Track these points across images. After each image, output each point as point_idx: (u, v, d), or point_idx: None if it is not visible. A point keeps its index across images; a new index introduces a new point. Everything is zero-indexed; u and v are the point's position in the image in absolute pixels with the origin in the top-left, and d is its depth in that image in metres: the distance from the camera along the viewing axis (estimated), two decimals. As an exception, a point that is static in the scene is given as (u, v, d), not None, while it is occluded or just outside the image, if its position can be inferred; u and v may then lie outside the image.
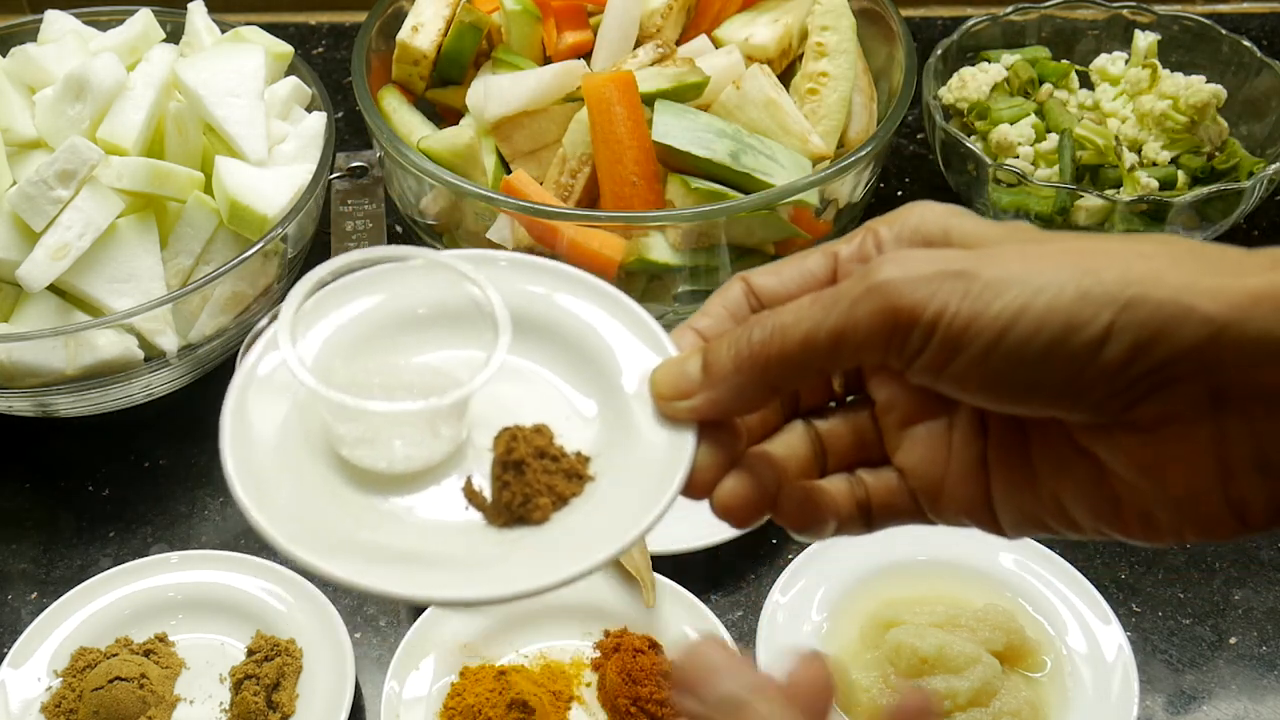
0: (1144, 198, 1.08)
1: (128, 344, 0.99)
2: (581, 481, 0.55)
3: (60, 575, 1.00)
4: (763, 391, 0.50)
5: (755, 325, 0.49)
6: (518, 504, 0.54)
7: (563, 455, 0.55)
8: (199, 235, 1.03)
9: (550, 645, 0.93)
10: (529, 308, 0.58)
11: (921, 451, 0.52)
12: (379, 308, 0.59)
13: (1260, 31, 1.44)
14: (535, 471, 0.54)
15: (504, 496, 0.54)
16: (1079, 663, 0.90)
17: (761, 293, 0.53)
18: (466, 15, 1.12)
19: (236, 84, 1.06)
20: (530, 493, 0.54)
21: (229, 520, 1.03)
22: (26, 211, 0.98)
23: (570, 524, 0.54)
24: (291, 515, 0.52)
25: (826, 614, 0.92)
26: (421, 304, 0.59)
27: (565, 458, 0.55)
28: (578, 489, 0.54)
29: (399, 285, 0.60)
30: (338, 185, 1.17)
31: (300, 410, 0.57)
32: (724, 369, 0.50)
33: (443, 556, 0.52)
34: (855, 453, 0.54)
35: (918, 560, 0.95)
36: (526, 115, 1.06)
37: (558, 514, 0.54)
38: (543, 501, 0.54)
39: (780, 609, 0.92)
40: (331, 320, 0.58)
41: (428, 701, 0.89)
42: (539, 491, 0.54)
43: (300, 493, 0.54)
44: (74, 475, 1.07)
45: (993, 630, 0.90)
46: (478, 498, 0.54)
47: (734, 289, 0.53)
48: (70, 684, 0.90)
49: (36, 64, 1.08)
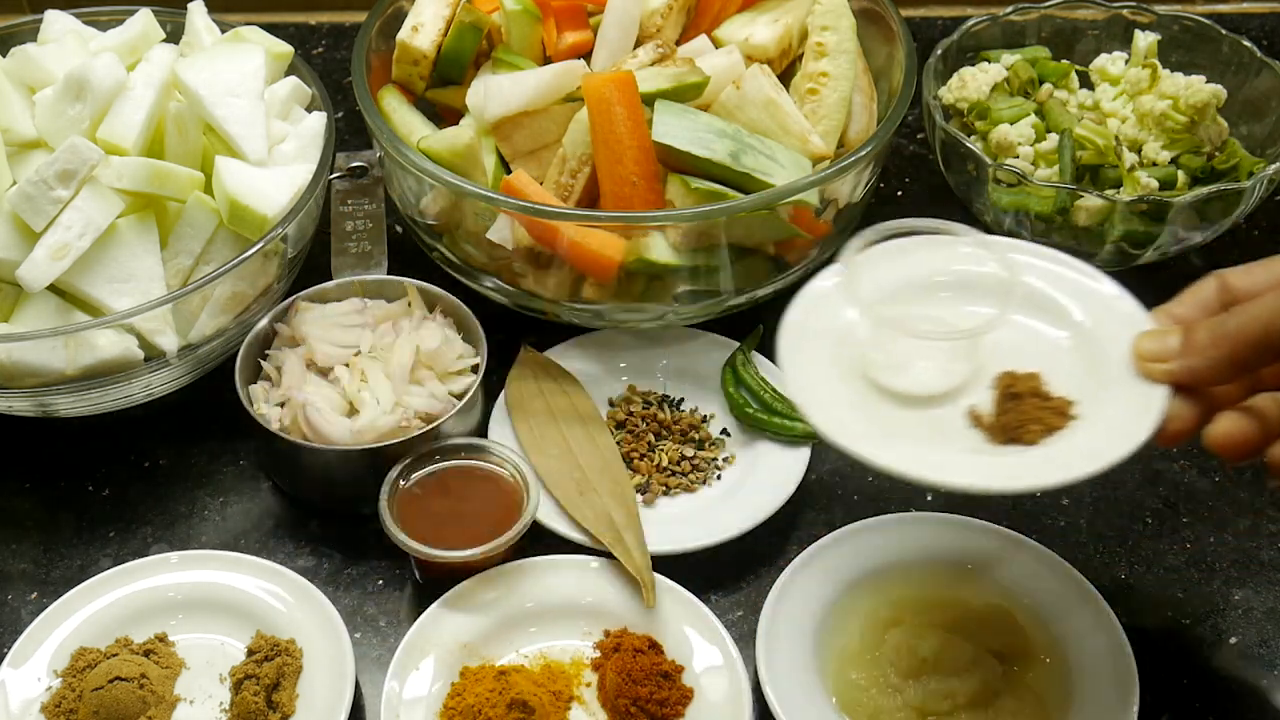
0: (1144, 198, 1.08)
1: (128, 344, 0.99)
2: (1065, 419, 0.72)
3: (60, 575, 1.00)
4: (1233, 368, 0.62)
5: (1232, 314, 0.61)
6: (1014, 426, 0.72)
7: (1051, 397, 0.73)
8: (199, 235, 1.03)
9: (550, 645, 0.93)
10: (1041, 288, 0.79)
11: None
12: (913, 267, 0.81)
13: (1260, 31, 1.44)
14: (1030, 404, 0.72)
15: (1005, 420, 0.72)
16: (1079, 663, 0.89)
17: (1234, 288, 0.65)
18: (466, 15, 1.12)
19: (236, 84, 1.06)
20: (1025, 419, 0.72)
21: (229, 520, 1.03)
22: (26, 211, 0.98)
23: (1056, 448, 0.70)
24: (839, 418, 0.73)
25: (827, 614, 0.92)
26: (942, 272, 0.81)
27: (1054, 399, 0.72)
28: (1062, 424, 0.71)
29: (928, 253, 0.82)
30: (338, 185, 1.17)
31: (839, 343, 0.78)
32: (1201, 343, 0.63)
33: (960, 460, 0.70)
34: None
35: (918, 560, 0.95)
36: (526, 115, 1.06)
37: (1046, 439, 0.71)
38: (1035, 427, 0.71)
39: (780, 609, 0.91)
40: (878, 271, 0.79)
41: (428, 701, 0.88)
42: (1033, 419, 0.71)
43: (845, 400, 0.75)
44: (74, 475, 1.06)
45: (992, 631, 0.89)
46: (982, 420, 0.73)
47: (1208, 284, 0.67)
48: (70, 684, 0.90)
49: (36, 64, 1.08)
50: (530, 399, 1.03)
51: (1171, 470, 1.05)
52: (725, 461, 1.03)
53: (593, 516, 0.96)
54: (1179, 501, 1.04)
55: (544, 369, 1.05)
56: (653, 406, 1.05)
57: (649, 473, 1.01)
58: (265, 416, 1.00)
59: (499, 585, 0.94)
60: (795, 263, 1.09)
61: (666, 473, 1.01)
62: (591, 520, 0.96)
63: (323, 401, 0.99)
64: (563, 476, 0.98)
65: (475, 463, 0.98)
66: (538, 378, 1.04)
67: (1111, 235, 1.11)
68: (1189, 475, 1.05)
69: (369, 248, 1.13)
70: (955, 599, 0.93)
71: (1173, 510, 1.03)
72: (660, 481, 1.01)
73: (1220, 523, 1.02)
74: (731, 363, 1.07)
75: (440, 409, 1.00)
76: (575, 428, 1.01)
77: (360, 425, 0.97)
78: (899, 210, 1.26)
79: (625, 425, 1.04)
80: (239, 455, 1.07)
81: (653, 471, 1.01)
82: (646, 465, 1.01)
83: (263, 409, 1.01)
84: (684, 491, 1.01)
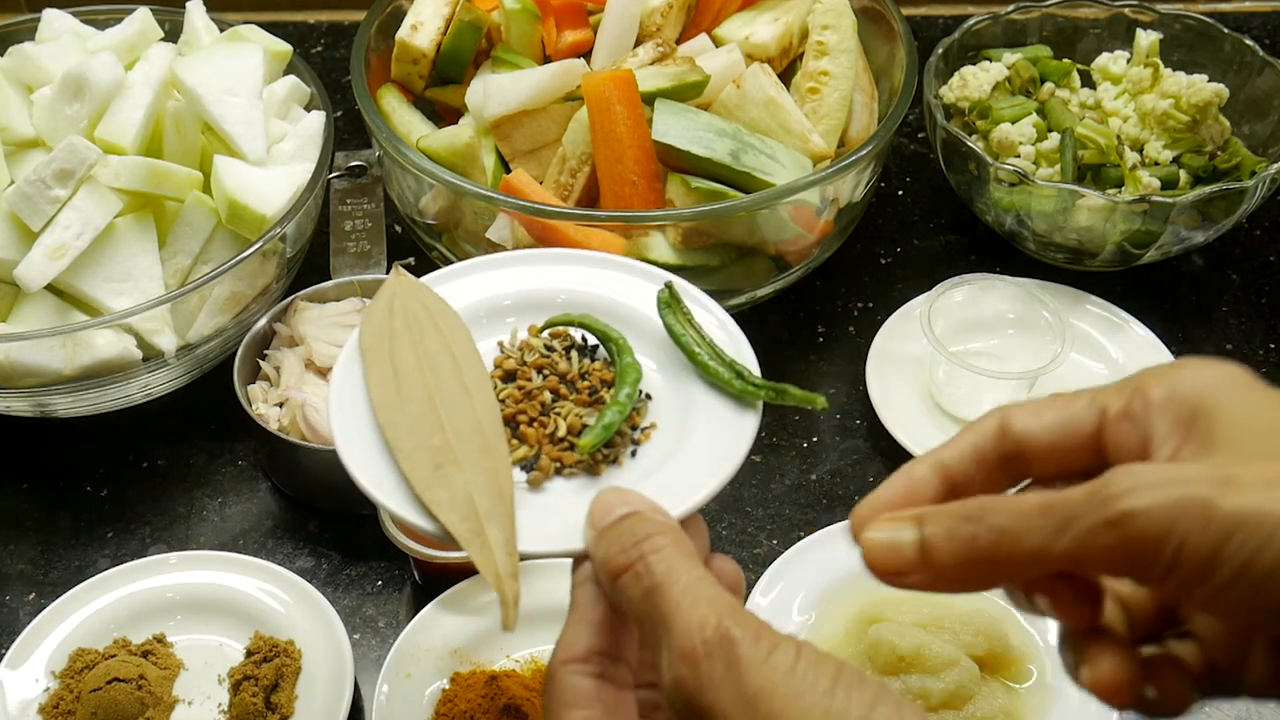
0: (1146, 197, 1.08)
1: (126, 344, 0.99)
2: None
3: (58, 576, 0.99)
4: (981, 588, 0.50)
5: (981, 525, 0.48)
6: None
7: None
8: (197, 235, 1.03)
9: (542, 650, 0.92)
10: None
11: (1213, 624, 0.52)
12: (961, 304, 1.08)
13: (1262, 30, 1.44)
14: None
15: None
16: (1064, 677, 0.89)
17: (1019, 436, 0.52)
18: (466, 14, 1.12)
19: (235, 83, 1.06)
20: None
21: (227, 521, 1.03)
22: (24, 211, 0.98)
23: None
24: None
25: (812, 610, 0.92)
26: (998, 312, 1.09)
27: None
28: None
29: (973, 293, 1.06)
30: (336, 184, 1.17)
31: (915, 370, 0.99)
32: (943, 560, 0.49)
33: None
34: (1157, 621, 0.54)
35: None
36: (526, 114, 1.06)
37: None
38: None
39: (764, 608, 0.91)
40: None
41: (419, 708, 0.88)
42: None
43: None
44: (72, 476, 1.06)
45: (975, 635, 0.89)
46: None
47: (988, 424, 0.53)
48: (68, 685, 0.90)
49: (34, 63, 1.08)
50: (389, 337, 0.72)
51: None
52: (643, 433, 0.70)
53: (448, 500, 0.65)
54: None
55: (416, 298, 0.74)
56: (554, 354, 0.72)
57: (539, 443, 0.68)
58: (264, 417, 1.00)
59: (490, 589, 0.93)
60: (795, 263, 1.08)
61: (563, 445, 0.69)
62: (445, 505, 0.64)
63: (322, 402, 0.98)
64: (417, 445, 0.67)
65: (474, 463, 0.98)
66: (406, 311, 0.73)
67: (1113, 235, 1.11)
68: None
69: (368, 247, 1.13)
70: (943, 600, 0.93)
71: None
72: (554, 456, 0.68)
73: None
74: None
75: (439, 409, 0.99)
76: (445, 378, 0.69)
77: (359, 425, 0.96)
78: (900, 212, 1.26)
79: (515, 378, 0.71)
80: (237, 456, 1.07)
81: (544, 442, 0.69)
82: (537, 433, 0.69)
83: (261, 409, 1.01)
84: (584, 472, 0.68)
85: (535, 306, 0.72)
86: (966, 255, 1.22)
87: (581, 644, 0.54)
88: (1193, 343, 1.14)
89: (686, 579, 0.50)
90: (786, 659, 0.47)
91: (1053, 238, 1.13)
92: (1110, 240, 1.11)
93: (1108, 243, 1.12)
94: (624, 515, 0.55)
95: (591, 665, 0.54)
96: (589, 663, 0.54)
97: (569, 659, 0.54)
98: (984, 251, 1.21)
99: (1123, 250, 1.13)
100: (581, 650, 0.54)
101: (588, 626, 0.55)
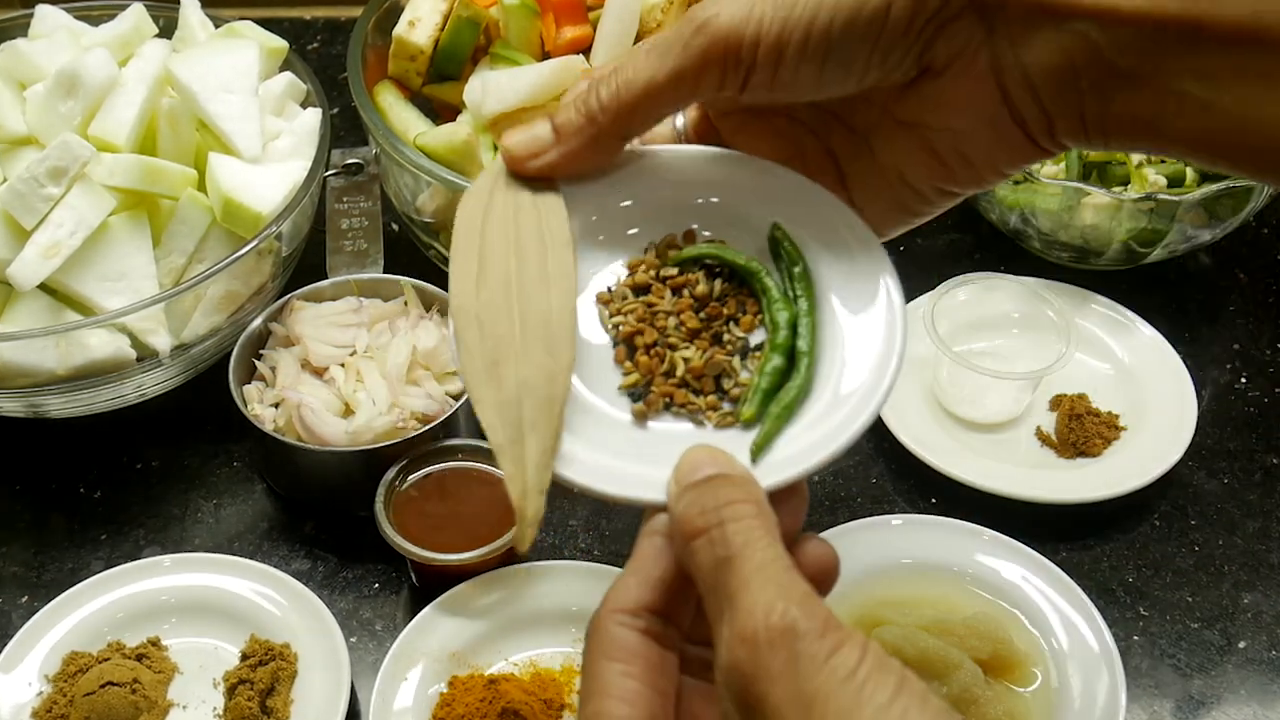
0: (1152, 195, 1.07)
1: (120, 344, 0.98)
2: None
3: (51, 578, 0.99)
4: (616, 140, 0.57)
5: (600, 83, 0.55)
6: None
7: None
8: (192, 233, 1.02)
9: (540, 653, 0.92)
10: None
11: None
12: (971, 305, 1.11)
13: (1268, 26, 1.43)
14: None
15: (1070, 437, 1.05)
16: (1069, 681, 0.88)
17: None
18: (464, 10, 1.11)
19: (230, 80, 1.05)
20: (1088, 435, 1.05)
21: (222, 523, 1.02)
22: (17, 209, 0.97)
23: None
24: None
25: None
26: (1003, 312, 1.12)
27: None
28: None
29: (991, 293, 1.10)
30: (333, 182, 1.16)
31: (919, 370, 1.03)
32: (575, 126, 0.56)
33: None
34: None
35: (914, 562, 0.94)
36: (525, 111, 1.05)
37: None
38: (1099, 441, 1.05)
39: None
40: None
41: (416, 712, 0.87)
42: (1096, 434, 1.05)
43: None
44: (65, 477, 1.05)
45: (980, 639, 0.88)
46: (1049, 440, 1.06)
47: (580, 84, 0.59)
48: (61, 689, 0.89)
49: (27, 60, 1.07)
50: (483, 215, 0.64)
51: (1180, 472, 1.04)
52: None
53: (494, 401, 0.57)
54: (1187, 504, 1.03)
55: (525, 181, 0.63)
56: (697, 274, 0.61)
57: (651, 373, 0.59)
58: (260, 417, 0.99)
59: (488, 592, 0.93)
60: (797, 261, 1.07)
61: (677, 383, 0.59)
62: (490, 405, 0.56)
63: (318, 402, 0.98)
64: (482, 336, 0.59)
65: (473, 465, 0.97)
66: (508, 188, 0.64)
67: (1119, 233, 1.10)
68: (1197, 477, 1.04)
69: (365, 246, 1.12)
70: (946, 603, 0.92)
71: (1181, 512, 1.02)
72: (664, 392, 0.59)
73: (1229, 525, 1.01)
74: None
75: (437, 410, 0.99)
76: (530, 264, 0.61)
77: (356, 426, 0.96)
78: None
79: (647, 293, 0.62)
80: (233, 456, 1.06)
81: (657, 372, 0.59)
82: (650, 362, 0.60)
83: (257, 409, 1.00)
84: (689, 416, 0.59)
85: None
86: (970, 254, 1.21)
87: (632, 596, 0.51)
88: (1199, 342, 1.14)
89: (762, 557, 0.48)
90: (848, 662, 0.45)
91: (1058, 236, 1.13)
92: (1116, 239, 1.11)
93: (1113, 241, 1.11)
94: (711, 475, 0.51)
95: (640, 620, 0.51)
96: (638, 617, 0.51)
97: (617, 609, 0.51)
98: (988, 250, 1.21)
99: (1129, 249, 1.12)
100: (631, 603, 0.51)
101: (643, 580, 0.52)
